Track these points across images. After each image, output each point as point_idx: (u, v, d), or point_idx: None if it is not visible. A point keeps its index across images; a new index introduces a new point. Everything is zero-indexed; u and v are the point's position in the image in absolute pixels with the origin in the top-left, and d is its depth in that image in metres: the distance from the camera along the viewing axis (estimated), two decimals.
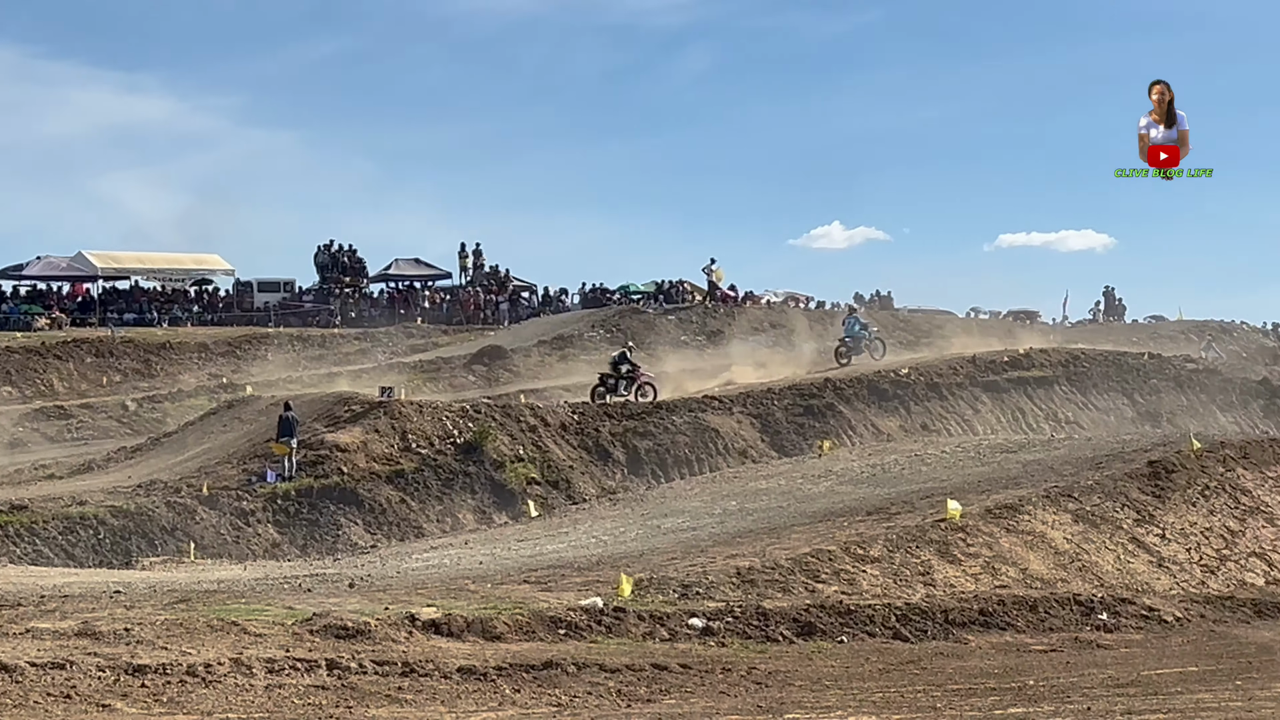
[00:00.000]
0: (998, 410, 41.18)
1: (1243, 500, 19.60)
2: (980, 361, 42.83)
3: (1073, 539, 17.66)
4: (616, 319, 53.73)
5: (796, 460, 28.80)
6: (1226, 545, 18.44)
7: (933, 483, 21.57)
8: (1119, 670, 12.18)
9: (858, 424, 36.84)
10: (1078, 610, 15.09)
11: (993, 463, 23.26)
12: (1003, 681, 11.49)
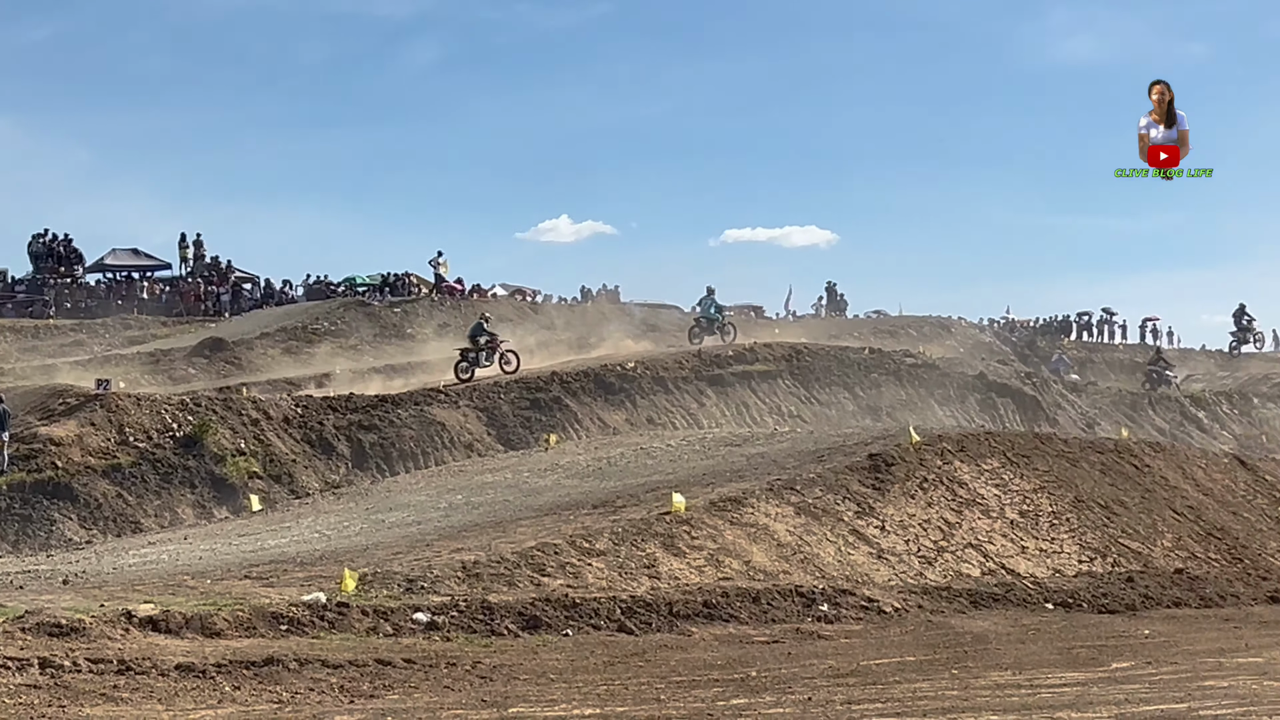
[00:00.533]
0: (722, 404, 41.66)
1: (959, 493, 20.08)
2: (705, 355, 43.26)
3: (795, 531, 17.88)
4: (341, 311, 53.12)
5: (523, 454, 28.73)
6: (944, 537, 18.86)
7: (658, 476, 21.67)
8: (839, 660, 12.34)
9: (584, 417, 36.92)
10: (799, 601, 15.28)
11: (717, 456, 23.46)
12: (726, 673, 11.55)
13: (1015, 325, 77.24)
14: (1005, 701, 9.74)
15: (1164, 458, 23.72)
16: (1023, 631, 14.81)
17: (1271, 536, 21.77)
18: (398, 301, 55.80)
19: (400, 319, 53.17)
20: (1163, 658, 12.54)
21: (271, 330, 50.30)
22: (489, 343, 39.24)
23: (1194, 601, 17.59)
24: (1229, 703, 9.55)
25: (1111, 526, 20.35)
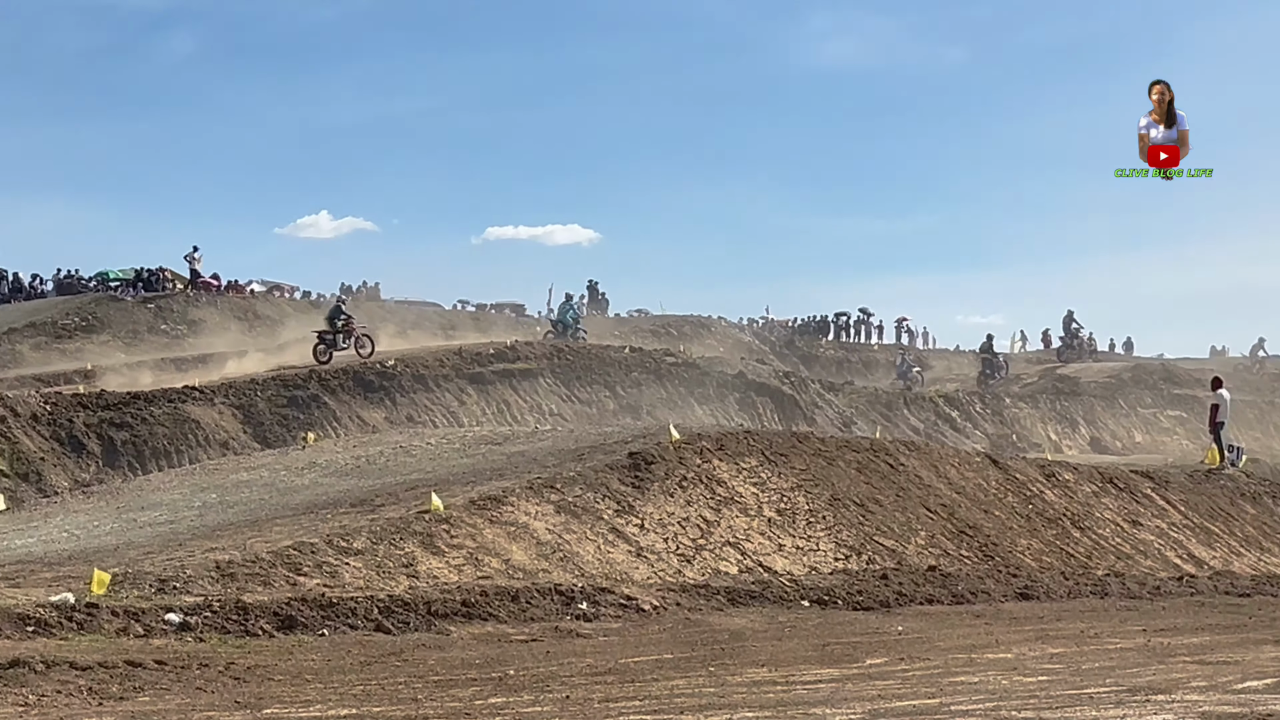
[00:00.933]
0: (483, 402, 41.59)
1: (718, 491, 20.22)
2: (466, 353, 43.09)
3: (555, 529, 17.83)
4: (93, 306, 51.86)
5: (280, 452, 28.25)
6: (702, 535, 18.97)
7: (418, 474, 21.48)
8: (597, 658, 12.31)
9: (343, 415, 36.57)
10: (559, 600, 15.23)
11: (477, 454, 23.34)
12: (484, 672, 11.45)
13: (774, 325, 78.40)
14: (761, 698, 9.79)
15: (918, 456, 24.18)
16: (779, 628, 14.95)
17: (1022, 534, 22.31)
18: (151, 297, 54.63)
19: (154, 315, 52.07)
20: (916, 654, 12.74)
21: (20, 325, 48.90)
22: (345, 325, 39.37)
23: (946, 598, 17.93)
24: (979, 697, 9.72)
25: (867, 524, 20.67)
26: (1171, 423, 58.99)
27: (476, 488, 19.09)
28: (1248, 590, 20.63)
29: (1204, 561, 23.86)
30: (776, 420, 47.15)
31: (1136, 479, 26.99)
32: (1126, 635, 14.72)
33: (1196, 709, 9.06)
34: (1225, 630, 15.51)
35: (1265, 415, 59.97)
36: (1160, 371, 66.71)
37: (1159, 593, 19.82)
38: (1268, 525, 27.09)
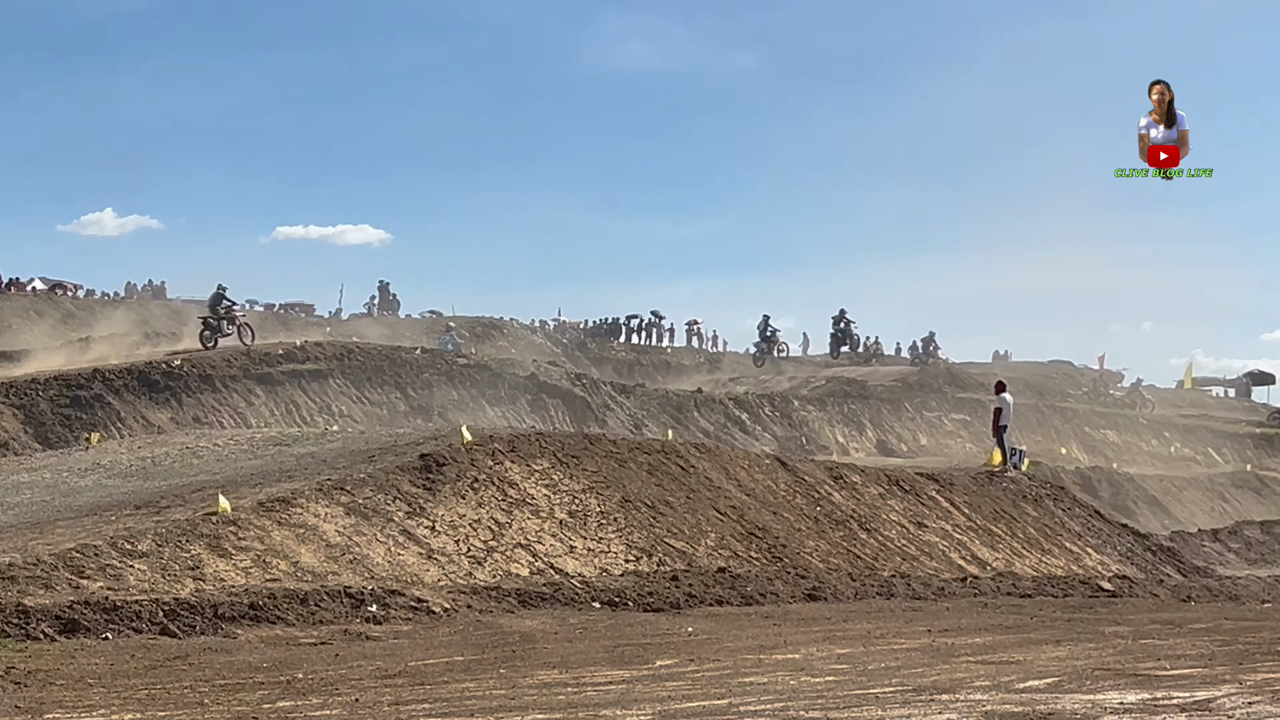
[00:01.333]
0: (272, 403, 41.06)
1: (510, 493, 20.17)
2: (255, 354, 42.50)
3: (344, 531, 17.64)
4: None
5: (63, 453, 27.59)
6: (494, 537, 18.90)
7: (205, 476, 21.11)
8: (387, 661, 12.20)
9: (128, 416, 35.84)
10: (348, 602, 15.07)
11: (266, 456, 23.01)
12: (271, 675, 11.28)
13: (567, 327, 78.56)
14: (552, 700, 9.78)
15: (709, 458, 24.36)
16: (570, 630, 14.94)
17: (810, 536, 22.58)
18: None
19: None
20: (705, 655, 12.82)
21: None
22: (228, 311, 39.53)
23: (736, 599, 18.07)
24: (768, 698, 9.81)
25: (658, 526, 20.77)
26: (956, 426, 60.20)
27: (265, 489, 18.81)
28: (1029, 591, 21.11)
29: (987, 563, 24.38)
30: (568, 422, 47.19)
31: (922, 481, 27.49)
32: (912, 636, 14.96)
33: (980, 708, 9.25)
34: (1007, 630, 15.84)
35: (1046, 419, 61.48)
36: (945, 375, 68.09)
37: (943, 594, 20.18)
38: (1048, 527, 27.77)
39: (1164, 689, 10.35)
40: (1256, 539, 39.35)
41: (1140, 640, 14.89)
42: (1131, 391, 74.21)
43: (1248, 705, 9.47)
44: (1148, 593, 22.42)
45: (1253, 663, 12.63)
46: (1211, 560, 34.14)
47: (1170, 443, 62.53)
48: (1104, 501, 40.44)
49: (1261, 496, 49.80)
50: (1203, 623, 17.49)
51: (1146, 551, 28.85)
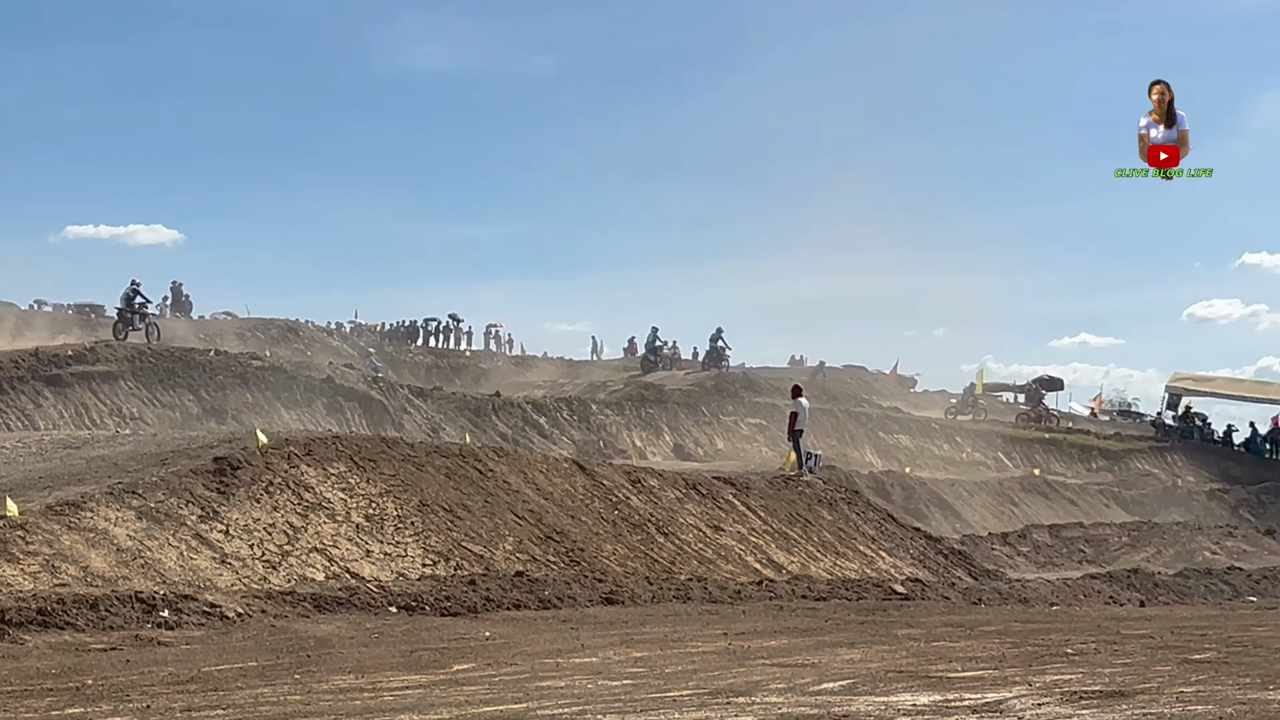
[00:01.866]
0: (61, 405, 40.17)
1: (306, 496, 19.94)
2: (44, 355, 41.51)
3: (136, 536, 17.30)
4: None
5: None
6: (289, 541, 18.67)
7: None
8: (180, 667, 11.99)
9: None
10: (139, 608, 14.78)
11: (55, 459, 22.47)
12: (61, 681, 11.03)
13: (364, 330, 77.93)
14: (348, 705, 9.69)
15: (507, 462, 24.32)
16: (366, 635, 14.82)
17: (607, 539, 22.65)
18: None
19: None
20: (503, 659, 12.80)
21: None
22: (142, 307, 39.64)
23: (533, 603, 18.07)
24: (565, 702, 9.82)
25: (455, 530, 20.69)
26: (752, 430, 60.78)
27: (54, 493, 18.37)
28: (824, 594, 21.40)
29: (783, 566, 24.67)
30: (365, 426, 46.79)
31: (719, 485, 27.73)
32: (708, 639, 15.08)
33: (775, 711, 9.35)
34: (803, 633, 16.05)
35: (841, 423, 62.38)
36: (742, 380, 68.69)
37: (739, 597, 20.37)
38: (843, 530, 28.18)
39: (956, 691, 10.56)
40: (1045, 542, 40.35)
41: (932, 642, 15.18)
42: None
43: (1037, 706, 9.69)
44: (939, 595, 22.86)
45: (1042, 664, 12.95)
46: (1001, 563, 34.92)
47: (962, 448, 63.82)
48: (897, 505, 41.14)
49: (1050, 500, 51.03)
50: (993, 625, 17.89)
51: (938, 555, 29.40)
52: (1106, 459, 64.25)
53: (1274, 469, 63.98)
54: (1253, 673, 12.72)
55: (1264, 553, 40.59)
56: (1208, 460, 65.78)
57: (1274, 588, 31.02)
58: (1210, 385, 76.51)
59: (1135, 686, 11.14)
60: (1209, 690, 11.04)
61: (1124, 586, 27.75)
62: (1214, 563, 36.04)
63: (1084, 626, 18.38)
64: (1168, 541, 41.25)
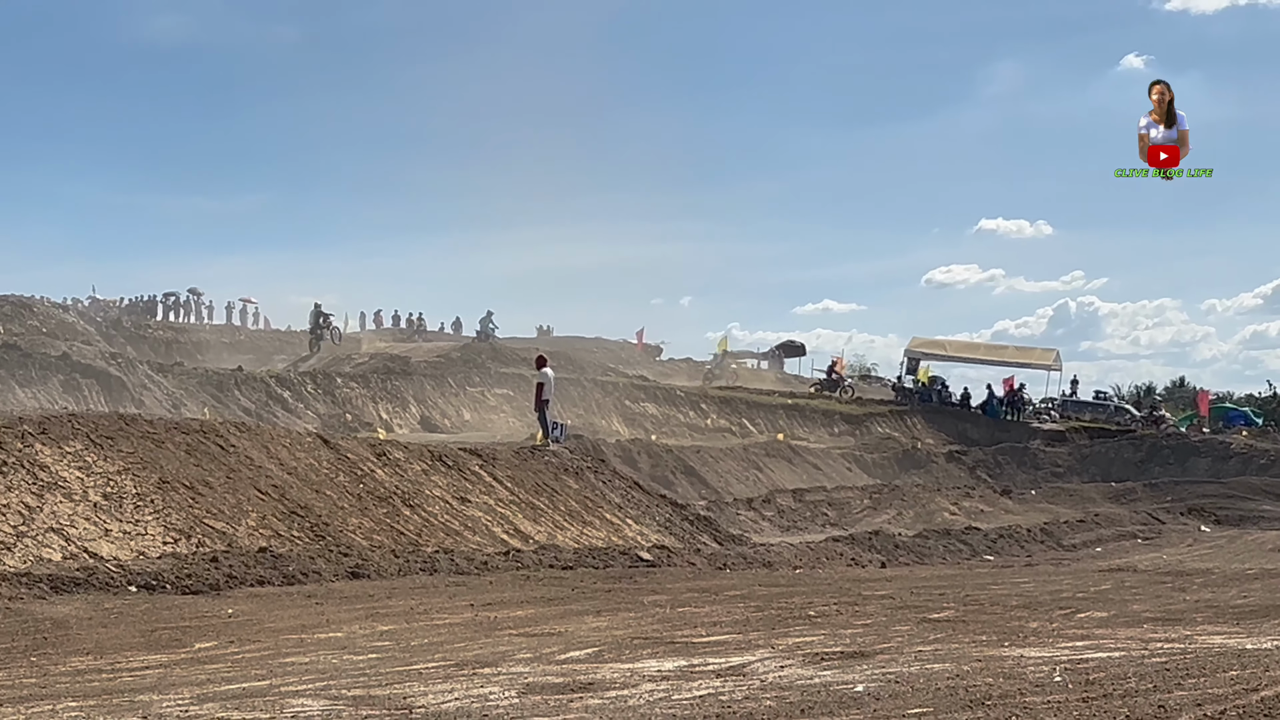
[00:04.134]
0: None
1: (41, 476, 19.37)
2: None
3: None
4: None
5: None
6: (24, 521, 18.12)
7: None
8: None
9: None
10: None
11: None
12: None
13: (101, 305, 76.10)
14: (85, 687, 9.48)
15: (249, 437, 23.92)
16: (105, 615, 14.49)
17: (353, 513, 22.44)
18: None
19: None
20: (246, 636, 12.64)
21: None
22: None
23: (278, 579, 17.84)
24: (310, 677, 9.74)
25: (197, 507, 20.31)
26: (499, 401, 60.74)
27: None
28: (570, 563, 21.51)
29: (530, 536, 24.71)
30: (103, 402, 45.69)
31: (465, 456, 27.66)
32: (455, 610, 15.08)
33: (522, 680, 9.39)
34: (550, 602, 16.13)
35: (588, 392, 62.67)
36: (488, 351, 68.60)
37: (486, 568, 20.38)
38: (589, 499, 28.32)
39: (700, 655, 10.72)
40: (789, 506, 41.03)
41: (678, 608, 15.39)
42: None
43: (780, 669, 9.89)
44: (685, 562, 23.13)
45: (785, 627, 13.21)
46: (746, 528, 35.41)
47: (707, 414, 64.56)
48: (644, 473, 41.49)
49: (794, 465, 51.86)
50: (738, 590, 18.18)
51: (684, 521, 29.71)
52: (848, 423, 65.54)
53: (1009, 430, 65.91)
54: (989, 630, 13.16)
55: (1000, 513, 41.86)
56: (946, 423, 67.53)
57: (1010, 547, 32.03)
58: (947, 349, 78.44)
59: (875, 646, 11.43)
60: (947, 648, 11.39)
61: (865, 548, 28.37)
62: (952, 523, 37.04)
63: (826, 588, 18.80)
64: (908, 503, 42.28)
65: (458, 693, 8.91)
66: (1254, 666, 9.71)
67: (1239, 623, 14.54)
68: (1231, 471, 56.21)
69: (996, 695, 8.53)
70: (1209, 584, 21.56)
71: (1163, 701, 8.10)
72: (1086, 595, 18.85)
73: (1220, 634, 13.03)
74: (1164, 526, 40.43)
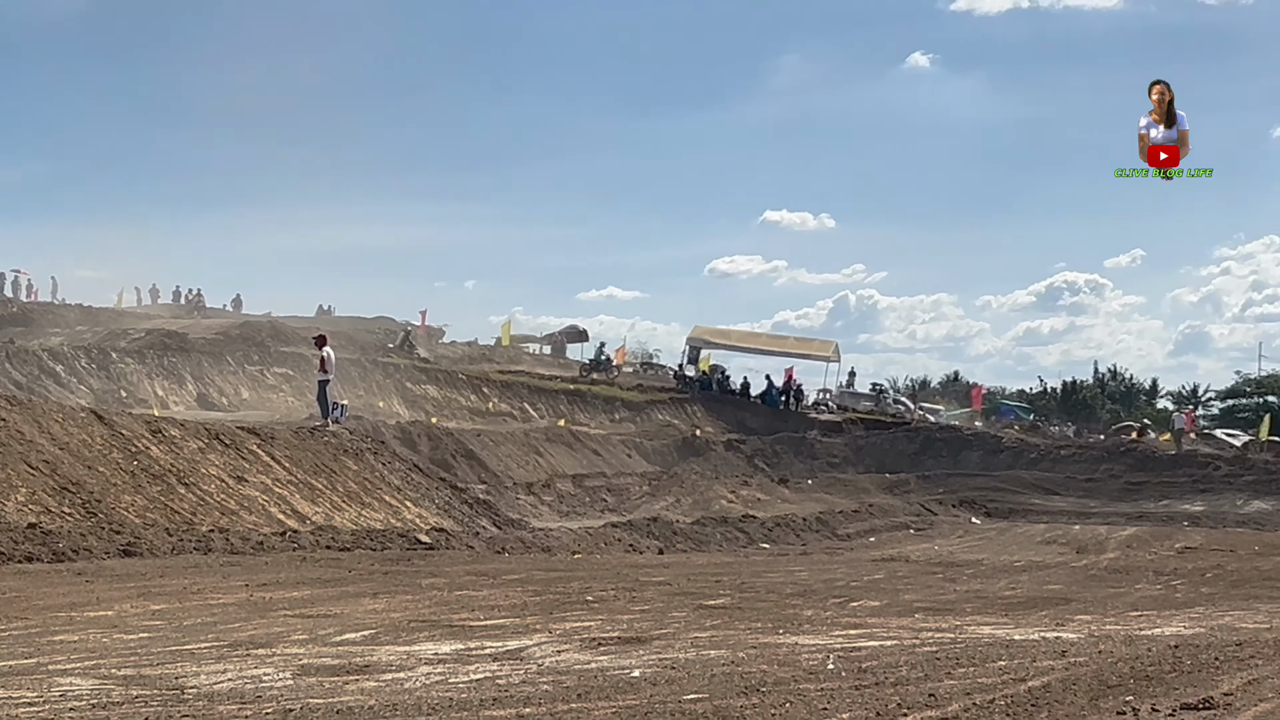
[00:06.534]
0: None
1: None
2: None
3: None
4: None
5: None
6: None
7: None
8: None
9: None
10: None
11: None
12: None
13: None
14: None
15: (20, 412, 23.30)
16: None
17: (126, 490, 22.00)
18: None
19: None
20: (13, 614, 12.33)
21: None
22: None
23: (47, 556, 17.44)
24: (79, 656, 9.55)
25: None
26: (278, 380, 59.91)
27: None
28: (348, 545, 21.36)
29: (307, 517, 24.46)
30: None
31: (243, 435, 27.27)
32: (229, 590, 14.88)
33: (297, 661, 9.31)
34: (326, 584, 16.00)
35: (368, 373, 62.14)
36: (268, 329, 67.66)
37: (262, 548, 20.15)
38: (369, 480, 28.11)
39: (478, 639, 10.73)
40: (569, 492, 41.19)
41: (456, 592, 15.38)
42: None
43: (557, 653, 9.94)
44: (464, 545, 23.11)
45: (562, 612, 13.27)
46: (526, 512, 35.45)
47: (489, 398, 64.46)
48: (424, 456, 41.23)
49: (574, 450, 52.00)
50: (516, 574, 18.23)
51: (464, 505, 29.65)
52: (629, 410, 65.91)
53: (788, 420, 66.84)
54: (764, 617, 13.37)
55: (777, 501, 42.48)
56: (725, 411, 68.23)
57: (786, 535, 32.52)
58: (729, 338, 79.30)
59: (652, 632, 11.55)
60: (723, 635, 11.54)
61: (644, 535, 28.58)
62: (730, 511, 37.46)
63: (604, 574, 18.92)
64: (686, 490, 42.69)
65: (231, 673, 8.81)
66: (1022, 657, 10.01)
67: (1007, 613, 14.97)
68: (1002, 465, 57.76)
69: (771, 682, 8.66)
70: (979, 575, 22.15)
71: (934, 690, 8.29)
72: (860, 584, 19.24)
73: (989, 624, 13.39)
74: (936, 518, 41.44)
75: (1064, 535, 35.58)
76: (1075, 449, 61.70)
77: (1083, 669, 9.25)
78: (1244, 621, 14.60)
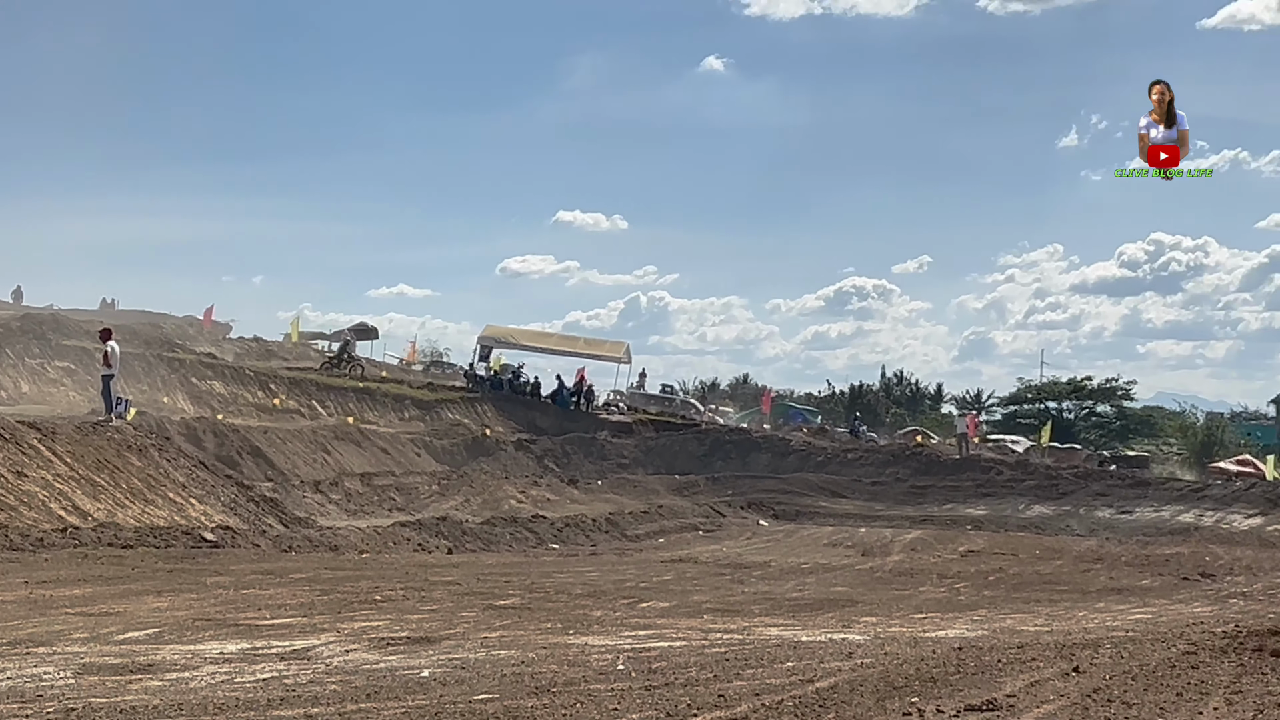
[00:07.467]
0: None
1: None
2: None
3: None
4: None
5: None
6: None
7: None
8: None
9: None
10: None
11: None
12: None
13: None
14: None
15: None
16: None
17: None
18: None
19: None
20: None
21: None
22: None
23: None
24: None
25: None
26: (60, 374, 58.53)
27: None
28: (131, 542, 20.98)
29: (89, 513, 23.96)
30: None
31: (23, 430, 26.61)
32: (8, 588, 14.55)
33: (78, 660, 9.15)
34: (108, 582, 15.71)
35: (153, 368, 60.97)
36: (50, 322, 66.07)
37: (42, 545, 19.71)
38: (153, 477, 27.62)
39: (264, 638, 10.63)
40: (356, 490, 40.81)
41: (242, 590, 15.20)
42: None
43: (345, 653, 9.88)
44: (250, 543, 22.83)
45: (351, 611, 13.19)
46: (313, 511, 35.06)
47: (276, 394, 63.65)
48: (209, 452, 40.56)
49: (363, 449, 51.52)
50: (303, 573, 18.06)
51: (250, 502, 29.28)
52: (419, 408, 65.52)
53: (578, 420, 66.97)
54: (554, 618, 13.42)
55: (566, 501, 42.55)
56: (516, 411, 68.16)
57: (575, 536, 32.60)
58: (520, 338, 79.22)
59: (442, 632, 11.54)
60: (513, 635, 11.57)
61: (433, 534, 28.47)
62: (519, 511, 37.44)
63: (393, 574, 18.83)
64: (476, 490, 42.58)
65: (10, 672, 8.63)
66: (809, 658, 10.18)
67: (795, 615, 15.21)
68: (790, 468, 58.47)
69: (561, 682, 8.71)
70: (767, 576, 22.45)
71: (723, 691, 8.40)
72: (649, 585, 19.39)
73: (777, 625, 13.60)
74: (724, 519, 41.85)
75: (850, 538, 36.11)
76: (862, 453, 62.70)
77: (869, 670, 9.44)
78: (1025, 624, 15.01)
